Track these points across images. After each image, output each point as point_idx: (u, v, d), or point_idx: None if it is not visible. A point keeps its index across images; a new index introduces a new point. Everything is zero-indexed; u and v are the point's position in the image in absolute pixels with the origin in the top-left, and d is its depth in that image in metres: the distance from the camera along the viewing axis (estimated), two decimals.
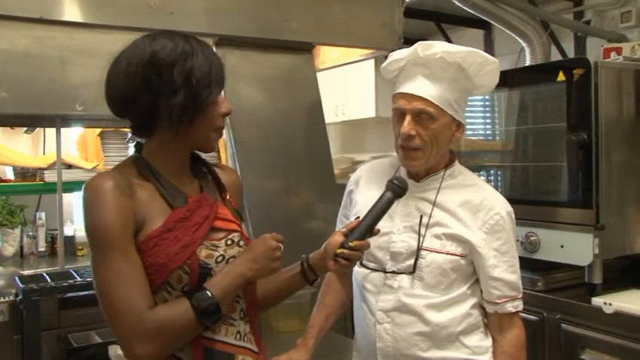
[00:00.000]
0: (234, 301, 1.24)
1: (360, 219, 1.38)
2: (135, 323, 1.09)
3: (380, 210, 1.38)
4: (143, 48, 1.17)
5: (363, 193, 1.61)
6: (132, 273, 1.11)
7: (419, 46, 1.47)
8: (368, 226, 1.36)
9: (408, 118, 1.45)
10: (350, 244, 1.33)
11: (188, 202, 1.20)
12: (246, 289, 1.27)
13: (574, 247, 2.36)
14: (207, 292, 1.14)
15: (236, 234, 1.26)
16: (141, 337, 1.09)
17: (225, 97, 1.25)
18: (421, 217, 1.50)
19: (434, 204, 1.51)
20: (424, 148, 1.46)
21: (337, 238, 1.35)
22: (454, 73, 1.47)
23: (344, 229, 1.37)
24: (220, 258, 1.21)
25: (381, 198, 1.40)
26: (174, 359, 1.17)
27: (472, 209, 1.49)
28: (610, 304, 2.21)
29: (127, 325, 1.09)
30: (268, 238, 1.23)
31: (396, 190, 1.41)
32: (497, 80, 1.55)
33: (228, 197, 1.33)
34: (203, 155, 1.34)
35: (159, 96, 1.15)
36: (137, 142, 1.26)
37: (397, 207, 1.52)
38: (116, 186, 1.13)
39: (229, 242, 1.24)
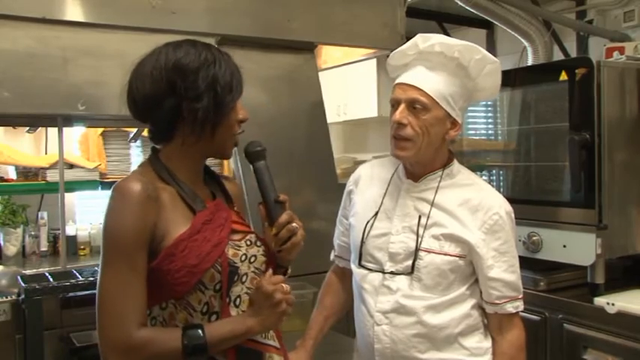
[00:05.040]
0: None
1: (262, 203, 1.31)
2: (120, 336, 1.10)
3: (266, 182, 1.31)
4: (167, 54, 1.21)
5: (363, 193, 1.61)
6: (133, 285, 1.12)
7: (419, 38, 1.48)
8: (272, 202, 1.29)
9: (402, 106, 1.46)
10: (273, 231, 1.28)
11: (207, 207, 1.23)
12: None
13: (576, 247, 2.36)
14: (200, 331, 1.13)
15: (252, 235, 1.30)
16: (121, 349, 1.10)
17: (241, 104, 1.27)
18: (419, 217, 1.49)
19: (432, 204, 1.50)
20: (415, 138, 1.45)
21: (267, 233, 1.31)
22: (454, 69, 1.47)
23: (266, 224, 1.32)
24: (244, 257, 1.25)
25: (256, 173, 1.33)
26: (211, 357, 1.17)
27: (471, 209, 1.48)
28: (613, 304, 2.20)
29: (112, 335, 1.11)
30: (264, 286, 1.19)
31: (255, 155, 1.33)
32: (499, 82, 1.54)
33: (235, 208, 1.36)
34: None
35: (183, 100, 1.18)
36: (153, 146, 1.28)
37: (396, 207, 1.52)
38: (144, 189, 1.15)
39: (249, 242, 1.28)
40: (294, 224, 1.28)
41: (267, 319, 1.19)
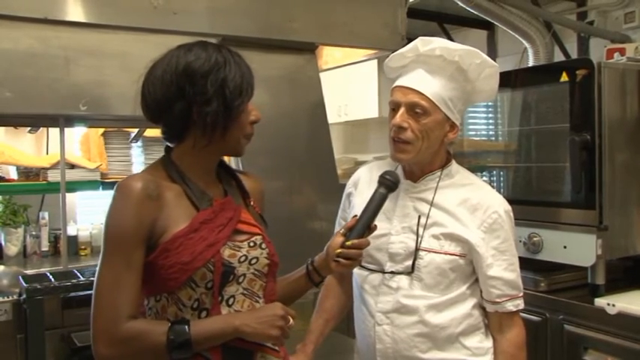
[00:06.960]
0: (254, 300, 1.27)
1: (357, 217, 1.40)
2: (109, 326, 1.14)
3: (375, 206, 1.40)
4: (178, 58, 1.22)
5: (362, 195, 1.60)
6: (126, 279, 1.16)
7: (419, 42, 1.49)
8: (365, 224, 1.38)
9: (401, 110, 1.47)
10: (347, 243, 1.34)
11: (213, 205, 1.24)
12: (267, 289, 1.30)
13: (577, 247, 2.36)
14: (186, 327, 1.15)
15: (258, 237, 1.30)
16: (109, 339, 1.13)
17: (253, 105, 1.29)
18: (419, 217, 1.50)
19: (431, 204, 1.51)
20: (414, 142, 1.46)
21: (337, 239, 1.37)
22: (453, 72, 1.48)
23: (342, 230, 1.39)
24: (243, 258, 1.25)
25: (374, 194, 1.42)
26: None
27: (470, 208, 1.49)
28: (613, 305, 2.20)
29: (103, 324, 1.14)
30: (279, 306, 1.23)
31: (388, 185, 1.42)
32: (497, 85, 1.55)
33: (252, 203, 1.37)
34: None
35: (193, 105, 1.20)
36: (167, 145, 1.30)
37: (395, 207, 1.53)
38: (144, 188, 1.18)
39: (252, 244, 1.28)
40: (363, 253, 1.36)
41: (258, 329, 1.19)
